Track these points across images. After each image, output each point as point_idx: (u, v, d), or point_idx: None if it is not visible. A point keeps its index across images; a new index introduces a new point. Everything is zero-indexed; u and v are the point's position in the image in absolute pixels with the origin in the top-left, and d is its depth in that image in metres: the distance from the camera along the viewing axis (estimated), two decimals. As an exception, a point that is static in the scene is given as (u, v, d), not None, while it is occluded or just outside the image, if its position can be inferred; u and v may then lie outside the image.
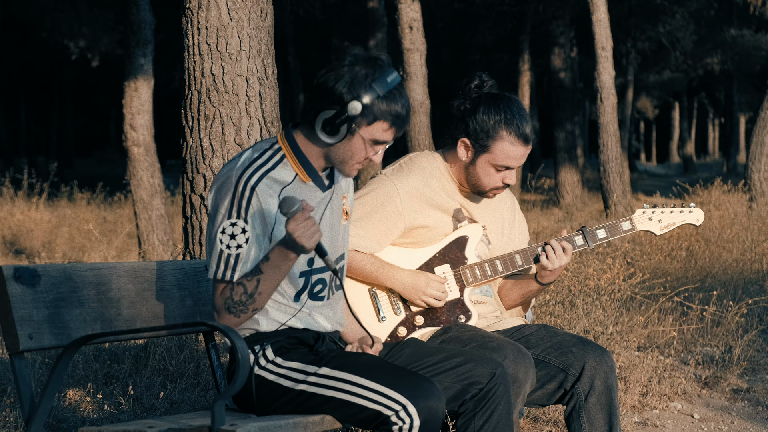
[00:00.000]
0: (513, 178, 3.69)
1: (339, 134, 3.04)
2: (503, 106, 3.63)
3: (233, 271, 3.03)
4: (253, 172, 3.06)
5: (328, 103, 3.03)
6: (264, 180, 3.06)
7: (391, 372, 3.02)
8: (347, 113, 3.01)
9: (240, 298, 3.03)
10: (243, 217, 3.03)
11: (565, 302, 6.13)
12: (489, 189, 3.70)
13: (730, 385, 5.92)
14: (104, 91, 37.42)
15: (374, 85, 3.02)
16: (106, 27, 23.04)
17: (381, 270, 3.63)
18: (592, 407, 3.59)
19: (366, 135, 3.06)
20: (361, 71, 3.03)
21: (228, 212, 3.03)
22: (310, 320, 3.18)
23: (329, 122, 3.04)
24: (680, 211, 3.86)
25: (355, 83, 3.01)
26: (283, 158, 3.12)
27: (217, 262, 3.05)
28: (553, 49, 23.22)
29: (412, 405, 2.93)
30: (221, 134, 4.84)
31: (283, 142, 3.14)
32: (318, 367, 3.06)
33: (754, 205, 13.80)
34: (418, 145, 13.43)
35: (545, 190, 25.24)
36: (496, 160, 3.63)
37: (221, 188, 3.06)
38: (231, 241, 3.03)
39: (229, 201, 3.03)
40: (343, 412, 3.02)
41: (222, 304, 3.05)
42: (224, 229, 3.03)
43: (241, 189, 3.03)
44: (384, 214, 3.65)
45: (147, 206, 10.55)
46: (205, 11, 4.84)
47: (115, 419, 4.53)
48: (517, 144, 3.62)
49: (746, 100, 42.54)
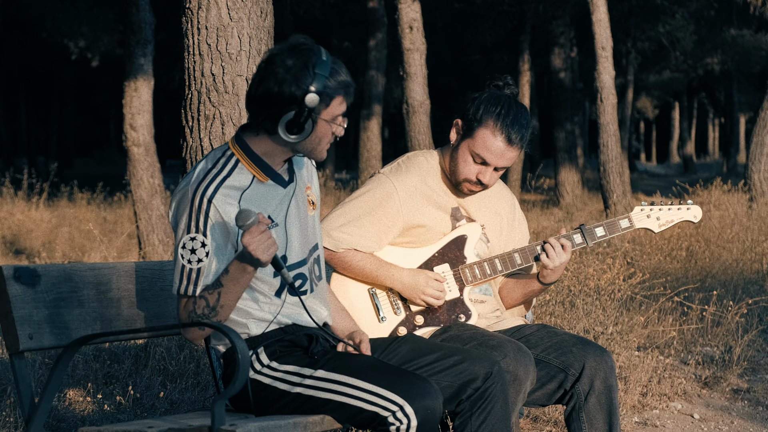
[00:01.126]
0: (489, 177, 3.64)
1: (306, 130, 3.05)
2: (504, 104, 3.63)
3: (195, 285, 3.03)
4: (209, 183, 3.04)
5: (283, 106, 3.02)
6: (221, 190, 3.04)
7: (388, 372, 3.02)
8: (307, 108, 3.01)
9: (203, 311, 3.03)
10: (202, 230, 3.02)
11: (565, 302, 6.13)
12: (462, 179, 3.66)
13: (730, 385, 5.92)
14: (104, 91, 37.42)
15: (317, 70, 3.01)
16: (106, 27, 23.04)
17: (380, 269, 3.63)
18: (592, 407, 3.59)
19: (327, 116, 3.07)
20: (297, 63, 3.01)
21: (187, 227, 3.02)
22: (296, 315, 3.17)
23: (293, 123, 3.03)
24: (678, 208, 3.86)
25: (299, 78, 3.01)
26: (237, 163, 3.10)
27: (180, 277, 3.04)
28: (553, 49, 23.21)
29: (409, 405, 2.93)
30: (221, 134, 4.83)
31: (235, 148, 3.12)
32: (314, 370, 3.06)
33: (754, 205, 13.79)
34: (418, 145, 13.42)
35: (545, 190, 25.23)
36: (475, 146, 3.61)
37: (179, 204, 3.05)
38: (191, 255, 3.02)
39: (187, 216, 3.02)
40: (341, 413, 3.02)
41: (186, 317, 3.06)
42: (184, 244, 3.02)
43: (198, 203, 3.01)
44: (383, 213, 3.65)
45: (147, 206, 10.54)
46: (205, 11, 4.84)
47: (115, 419, 4.53)
48: (498, 137, 3.59)
49: (746, 100, 42.56)
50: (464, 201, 3.77)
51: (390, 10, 20.45)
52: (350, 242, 3.63)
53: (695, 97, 52.27)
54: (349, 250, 3.63)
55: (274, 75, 3.01)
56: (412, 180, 3.70)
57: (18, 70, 32.45)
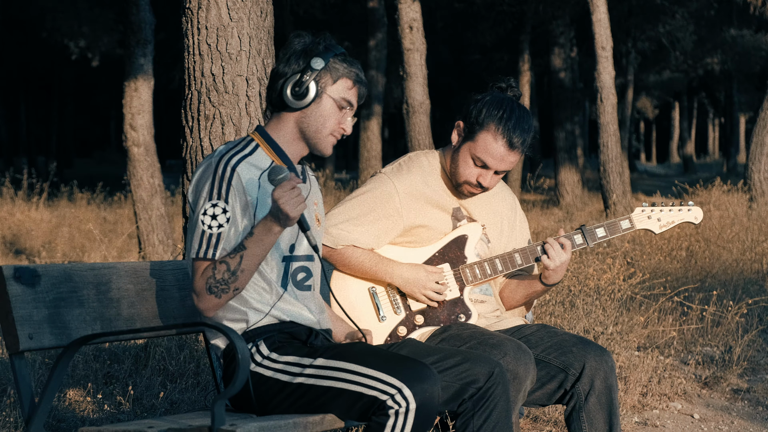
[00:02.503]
0: (490, 181, 3.65)
1: (309, 93, 3.14)
2: (506, 107, 3.62)
3: (215, 249, 3.05)
4: (232, 155, 3.12)
5: (289, 74, 3.15)
6: (242, 163, 3.12)
7: (386, 357, 3.02)
8: (311, 68, 3.12)
9: (222, 276, 3.03)
10: (224, 197, 3.06)
11: (565, 302, 6.13)
12: (463, 181, 3.66)
13: (730, 385, 5.92)
14: (104, 91, 37.43)
15: (328, 47, 3.16)
16: (106, 27, 23.04)
17: (380, 265, 3.64)
18: (592, 407, 3.59)
19: (333, 94, 3.16)
20: (310, 41, 3.17)
21: (209, 194, 3.07)
22: (296, 312, 3.18)
23: (297, 83, 3.14)
24: (679, 209, 3.87)
25: (307, 50, 3.16)
26: (257, 147, 3.18)
27: (199, 242, 3.07)
28: (553, 49, 23.21)
29: (408, 388, 2.93)
30: (221, 134, 4.83)
31: (254, 134, 3.22)
32: (313, 359, 3.06)
33: (754, 205, 13.80)
34: (418, 145, 13.43)
35: (545, 190, 25.24)
36: (476, 150, 3.62)
37: (202, 176, 3.11)
38: (212, 221, 3.06)
39: (209, 184, 3.07)
40: (342, 402, 3.01)
41: (203, 284, 3.05)
42: (205, 211, 3.07)
43: (222, 170, 3.07)
44: (382, 213, 3.65)
45: (147, 206, 10.54)
46: (205, 11, 4.84)
47: (115, 419, 4.53)
48: (499, 142, 3.60)
49: (746, 100, 42.56)
50: (465, 201, 3.77)
51: (390, 10, 20.47)
52: (349, 239, 3.63)
53: (695, 97, 52.29)
54: (348, 246, 3.64)
55: (286, 55, 3.16)
56: (412, 180, 3.70)
57: (18, 70, 32.44)
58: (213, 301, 3.05)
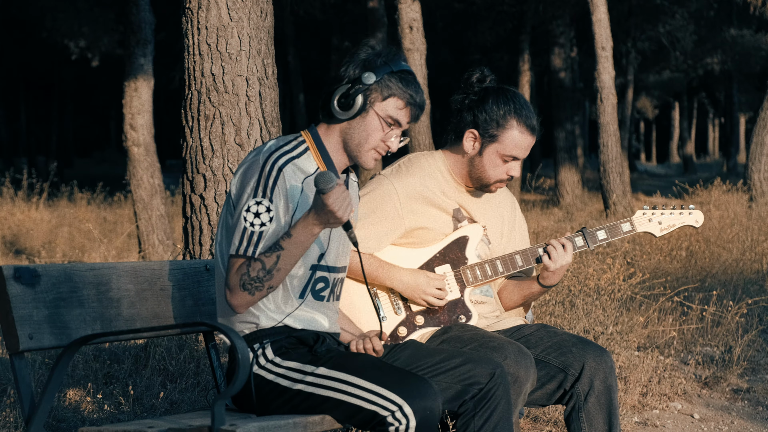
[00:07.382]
0: (518, 170, 3.71)
1: (354, 106, 3.12)
2: (511, 97, 3.68)
3: (255, 247, 3.05)
4: (280, 155, 3.11)
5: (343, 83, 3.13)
6: (290, 165, 3.11)
7: (388, 372, 3.02)
8: (362, 82, 3.10)
9: (257, 274, 3.03)
10: (268, 196, 3.06)
11: (565, 302, 6.13)
12: (494, 181, 3.70)
13: (730, 385, 5.92)
14: (104, 91, 37.43)
15: (387, 62, 3.13)
16: (106, 27, 23.03)
17: (381, 269, 3.64)
18: (592, 407, 3.59)
19: (380, 111, 3.14)
20: (373, 52, 3.15)
21: (254, 191, 3.07)
22: (309, 319, 3.18)
23: (344, 95, 3.12)
24: (680, 212, 3.87)
25: (367, 62, 3.13)
26: (306, 150, 3.17)
27: (240, 239, 3.07)
28: (553, 49, 23.22)
29: (408, 405, 2.93)
30: (221, 134, 4.84)
31: (307, 135, 3.20)
32: (316, 367, 3.07)
33: (754, 205, 13.80)
34: (418, 145, 13.44)
35: (545, 190, 25.24)
36: (504, 149, 3.65)
37: (247, 171, 3.10)
38: (255, 219, 3.06)
39: (255, 181, 3.07)
40: (341, 412, 3.02)
41: (237, 281, 3.05)
42: (249, 208, 3.07)
43: (269, 169, 3.07)
44: (382, 215, 3.65)
45: (147, 206, 10.55)
46: (205, 11, 4.84)
47: (115, 419, 4.53)
48: (525, 133, 3.66)
49: (746, 100, 42.56)
50: (466, 202, 3.77)
51: (390, 10, 20.45)
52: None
53: (695, 97, 52.27)
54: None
55: (352, 59, 3.15)
56: (412, 181, 3.70)
57: (18, 70, 32.44)
58: (246, 297, 3.06)
